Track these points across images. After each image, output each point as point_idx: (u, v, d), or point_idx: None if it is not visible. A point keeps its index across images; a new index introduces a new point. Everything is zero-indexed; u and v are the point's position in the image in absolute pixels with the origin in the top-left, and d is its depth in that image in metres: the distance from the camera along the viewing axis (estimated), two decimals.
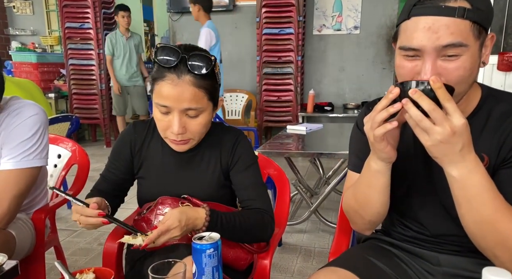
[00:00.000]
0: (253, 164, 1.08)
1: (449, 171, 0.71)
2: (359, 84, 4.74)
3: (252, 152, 1.10)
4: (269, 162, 1.44)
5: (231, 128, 1.11)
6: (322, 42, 4.74)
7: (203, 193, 1.03)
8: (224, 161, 1.07)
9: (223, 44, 4.94)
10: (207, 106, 0.96)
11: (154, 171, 1.07)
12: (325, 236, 2.39)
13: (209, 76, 0.94)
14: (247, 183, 1.05)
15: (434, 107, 0.65)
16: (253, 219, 1.00)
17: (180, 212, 0.87)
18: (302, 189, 2.46)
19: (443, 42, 0.70)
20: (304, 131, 2.69)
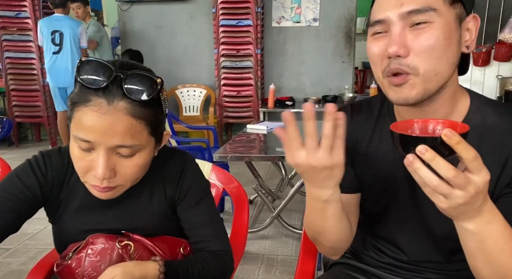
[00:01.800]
0: (204, 197, 0.89)
1: (464, 226, 0.59)
2: (319, 77, 4.68)
3: (203, 181, 0.91)
4: (225, 175, 1.29)
5: (176, 152, 0.91)
6: (282, 35, 4.61)
7: (145, 228, 0.85)
8: (169, 194, 0.87)
9: (177, 35, 4.69)
10: (146, 143, 0.74)
11: (79, 209, 0.85)
12: (288, 242, 2.29)
13: (152, 104, 0.71)
14: (199, 221, 0.87)
15: (455, 174, 0.51)
16: (213, 265, 0.84)
17: (124, 275, 0.68)
18: (263, 193, 2.33)
19: (408, 7, 0.63)
20: (264, 130, 2.56)
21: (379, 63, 0.68)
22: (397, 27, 0.64)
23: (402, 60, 0.64)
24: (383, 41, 0.66)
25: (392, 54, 0.63)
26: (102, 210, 0.85)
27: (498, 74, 3.87)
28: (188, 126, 3.41)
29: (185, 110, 4.57)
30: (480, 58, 3.80)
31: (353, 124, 0.81)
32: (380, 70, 0.68)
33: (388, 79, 0.67)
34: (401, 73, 0.65)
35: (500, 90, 3.81)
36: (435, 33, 0.63)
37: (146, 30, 4.70)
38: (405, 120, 0.60)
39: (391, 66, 0.65)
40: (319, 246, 0.83)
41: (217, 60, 4.34)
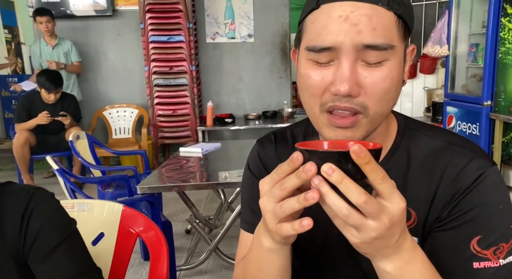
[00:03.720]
0: (65, 240, 0.69)
1: (381, 266, 0.50)
2: (258, 93, 4.60)
3: (62, 219, 0.71)
4: (138, 218, 1.07)
5: (15, 191, 0.70)
6: (217, 51, 4.48)
7: None
8: (14, 249, 0.66)
9: (104, 53, 4.35)
10: None
11: None
12: (229, 275, 2.09)
13: None
14: (57, 276, 0.67)
15: (366, 199, 0.43)
16: None
17: None
18: (198, 225, 2.12)
19: (366, 39, 0.52)
20: (199, 153, 2.37)
21: (317, 96, 0.56)
22: (349, 59, 0.53)
23: (354, 99, 0.54)
24: (327, 70, 0.55)
25: (343, 93, 0.53)
26: None
27: (424, 86, 4.05)
28: (113, 152, 3.09)
29: (115, 132, 4.23)
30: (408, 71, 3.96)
31: (277, 154, 0.73)
32: (318, 103, 0.57)
33: (329, 117, 0.56)
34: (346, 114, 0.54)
35: (427, 101, 3.98)
36: (390, 74, 0.54)
37: None
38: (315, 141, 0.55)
39: (336, 103, 0.54)
40: None
41: (148, 77, 4.08)
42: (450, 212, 0.59)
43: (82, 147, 2.54)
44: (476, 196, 0.58)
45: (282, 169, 0.47)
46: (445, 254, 0.58)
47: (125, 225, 1.07)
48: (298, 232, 0.47)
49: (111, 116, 4.23)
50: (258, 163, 0.75)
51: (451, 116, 3.26)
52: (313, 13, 0.56)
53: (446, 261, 0.57)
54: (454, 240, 0.58)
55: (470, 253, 0.57)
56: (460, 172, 0.59)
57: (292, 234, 0.47)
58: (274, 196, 0.47)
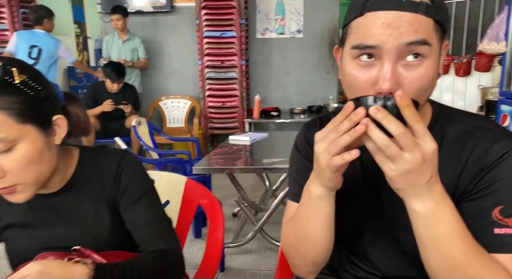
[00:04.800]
0: (145, 194, 0.85)
1: (413, 206, 0.59)
2: (304, 88, 4.69)
3: (143, 178, 0.87)
4: (200, 189, 1.24)
5: (111, 152, 0.88)
6: (267, 46, 4.62)
7: (94, 241, 0.80)
8: (109, 195, 0.83)
9: (162, 47, 4.65)
10: (21, 133, 0.68)
11: (22, 228, 0.82)
12: (272, 256, 2.23)
13: (6, 91, 0.67)
14: (139, 221, 0.83)
15: (404, 130, 0.53)
16: (155, 266, 0.79)
17: (39, 273, 0.62)
18: (246, 206, 2.28)
19: (407, 38, 0.59)
20: (248, 141, 2.52)
21: (361, 94, 0.63)
22: (391, 60, 0.60)
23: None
24: (371, 70, 0.62)
25: (385, 91, 0.60)
26: (46, 227, 0.81)
27: (479, 84, 3.91)
28: (170, 138, 3.35)
29: (169, 121, 4.51)
30: (461, 69, 3.84)
31: None
32: None
33: None
34: None
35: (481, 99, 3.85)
36: (427, 73, 0.61)
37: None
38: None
39: None
40: (297, 260, 0.79)
41: (201, 71, 4.31)
42: (475, 185, 0.66)
43: (142, 133, 2.79)
44: (500, 171, 0.65)
45: (336, 119, 0.58)
46: (469, 220, 0.63)
47: (188, 194, 1.24)
48: (346, 161, 0.57)
49: (166, 107, 4.52)
50: (305, 144, 0.85)
51: (505, 115, 3.15)
52: (357, 19, 0.62)
53: (469, 226, 0.63)
54: (478, 208, 0.65)
55: (492, 220, 0.64)
56: (486, 150, 0.66)
57: (342, 163, 0.57)
58: (328, 139, 0.58)
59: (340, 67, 0.70)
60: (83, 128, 0.85)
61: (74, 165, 0.84)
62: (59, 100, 0.78)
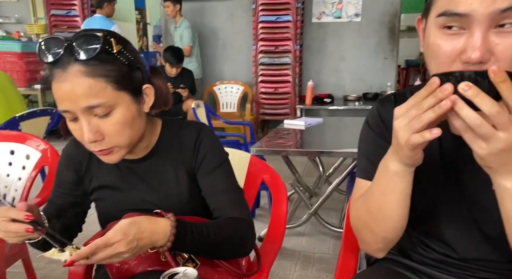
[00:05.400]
0: (221, 165, 0.89)
1: (503, 183, 0.55)
2: (360, 74, 4.55)
3: (220, 149, 0.91)
4: (263, 165, 1.26)
5: (191, 124, 0.92)
6: (322, 31, 4.53)
7: (174, 206, 0.84)
8: (188, 164, 0.88)
9: (217, 32, 4.73)
10: (117, 99, 0.73)
11: (111, 189, 0.89)
12: (326, 239, 2.23)
13: (106, 59, 0.71)
14: (215, 189, 0.87)
15: (498, 109, 0.48)
16: (229, 230, 0.82)
17: (130, 223, 0.68)
18: (300, 190, 2.28)
19: (501, 5, 0.53)
20: (302, 126, 2.51)
21: (446, 65, 0.60)
22: (482, 28, 0.55)
23: (484, 65, 0.56)
24: (458, 40, 0.58)
25: (475, 61, 0.55)
26: (132, 190, 0.87)
27: None
28: (226, 121, 3.43)
29: (222, 106, 4.61)
30: None
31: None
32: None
33: None
34: None
35: None
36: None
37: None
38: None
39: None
40: (367, 236, 0.77)
41: (255, 56, 4.33)
42: None
43: (200, 115, 2.88)
44: None
45: (419, 95, 0.55)
46: None
47: (252, 170, 1.27)
48: (426, 139, 0.54)
49: (220, 92, 4.61)
50: (378, 120, 0.82)
51: None
52: None
53: None
54: None
55: None
56: None
57: (421, 141, 0.54)
58: (409, 116, 0.55)
59: (423, 39, 0.66)
60: (165, 100, 0.89)
61: (157, 134, 0.89)
62: (146, 71, 0.83)
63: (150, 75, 0.86)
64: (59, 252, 0.66)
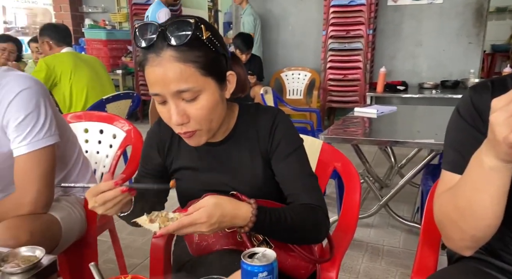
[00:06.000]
0: (296, 150, 0.88)
1: None
2: (439, 60, 4.22)
3: (295, 135, 0.91)
4: (335, 153, 1.23)
5: (267, 109, 0.93)
6: (398, 14, 4.26)
7: (248, 189, 0.86)
8: (263, 148, 0.89)
9: (286, 18, 4.68)
10: (204, 84, 0.76)
11: (191, 170, 0.93)
12: (395, 233, 2.14)
13: (196, 45, 0.74)
14: (290, 174, 0.87)
15: None
16: (305, 217, 0.82)
17: (215, 205, 0.70)
18: (370, 180, 2.21)
19: None
20: (374, 114, 2.41)
21: None
22: None
23: None
24: None
25: None
26: (209, 172, 0.91)
27: None
28: (293, 108, 3.42)
29: (289, 93, 4.58)
30: None
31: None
32: None
33: None
34: None
35: None
36: None
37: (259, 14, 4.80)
38: None
39: None
40: (453, 233, 0.73)
41: (324, 42, 4.22)
42: None
43: (268, 101, 2.90)
44: None
45: None
46: None
47: (323, 157, 1.25)
48: None
49: (287, 78, 4.59)
50: (471, 109, 0.76)
51: None
52: None
53: None
54: None
55: None
56: None
57: None
58: (510, 110, 0.51)
59: None
60: (242, 86, 0.91)
61: (235, 118, 0.91)
62: (229, 58, 0.85)
63: (232, 61, 0.88)
64: (150, 222, 0.71)
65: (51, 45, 2.51)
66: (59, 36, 2.51)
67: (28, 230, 0.95)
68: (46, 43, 2.52)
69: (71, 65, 2.43)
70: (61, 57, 2.45)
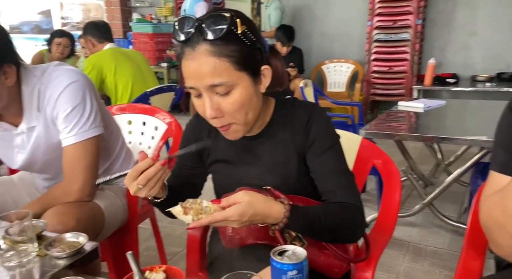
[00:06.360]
0: (332, 147, 0.86)
1: None
2: (495, 51, 3.93)
3: (332, 131, 0.88)
4: (375, 149, 1.19)
5: (304, 104, 0.91)
6: (450, 2, 4.01)
7: (282, 184, 0.85)
8: (298, 144, 0.87)
9: (330, 8, 4.56)
10: (237, 79, 0.76)
11: (226, 163, 0.94)
12: (439, 233, 2.04)
13: (231, 40, 0.74)
14: (325, 170, 0.85)
15: None
16: (340, 215, 0.80)
17: (248, 204, 0.70)
18: (414, 177, 2.11)
19: None
20: (421, 108, 2.29)
21: None
22: None
23: None
24: None
25: None
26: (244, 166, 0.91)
27: None
28: (334, 101, 3.34)
29: (330, 86, 4.49)
30: None
31: None
32: None
33: None
34: None
35: None
36: None
37: (301, 5, 4.73)
38: None
39: None
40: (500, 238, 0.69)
41: (369, 33, 4.07)
42: None
43: (308, 94, 2.86)
44: None
45: None
46: None
47: (362, 153, 1.21)
48: None
49: (328, 71, 4.49)
50: None
51: None
52: None
53: None
54: None
55: None
56: None
57: None
58: None
59: None
60: (280, 81, 0.90)
61: (271, 113, 0.90)
62: (266, 51, 0.84)
63: (269, 54, 0.87)
64: (183, 214, 0.72)
65: (93, 43, 2.66)
66: (99, 33, 2.65)
67: (75, 217, 1.01)
68: (89, 41, 2.67)
69: (114, 61, 2.55)
70: (104, 54, 2.58)
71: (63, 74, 1.08)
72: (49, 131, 1.10)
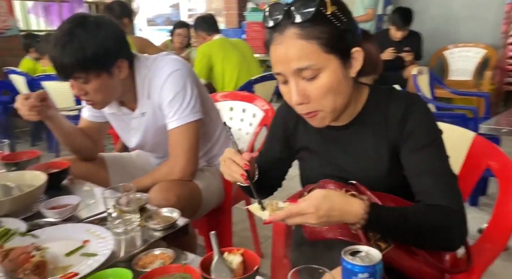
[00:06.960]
0: (432, 143, 0.78)
1: None
2: None
3: (432, 125, 0.79)
4: (490, 148, 1.03)
5: (402, 94, 0.82)
6: None
7: (370, 180, 0.80)
8: (392, 137, 0.80)
9: None
10: (325, 62, 0.73)
11: (311, 152, 0.91)
12: None
13: (320, 21, 0.71)
14: (422, 169, 0.77)
15: None
16: (433, 219, 0.72)
17: (324, 198, 0.68)
18: None
19: None
20: None
21: None
22: None
23: None
24: None
25: None
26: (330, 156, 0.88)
27: None
28: (453, 91, 2.96)
29: (452, 73, 3.99)
30: None
31: None
32: None
33: None
34: None
35: None
36: None
37: None
38: None
39: None
40: None
41: (508, 12, 3.48)
42: None
43: (422, 83, 2.59)
44: None
45: None
46: None
47: (474, 152, 1.06)
48: None
49: (452, 56, 4.00)
50: None
51: None
52: None
53: None
54: None
55: None
56: None
57: None
58: None
59: None
60: (374, 66, 0.84)
61: (363, 102, 0.85)
62: (358, 34, 0.79)
63: (362, 38, 0.81)
64: (261, 210, 0.75)
65: (204, 36, 2.93)
66: (207, 26, 2.91)
67: (176, 194, 1.12)
68: (200, 35, 2.95)
69: (222, 51, 2.77)
70: (213, 44, 2.82)
71: (167, 64, 1.19)
72: (156, 116, 1.23)
